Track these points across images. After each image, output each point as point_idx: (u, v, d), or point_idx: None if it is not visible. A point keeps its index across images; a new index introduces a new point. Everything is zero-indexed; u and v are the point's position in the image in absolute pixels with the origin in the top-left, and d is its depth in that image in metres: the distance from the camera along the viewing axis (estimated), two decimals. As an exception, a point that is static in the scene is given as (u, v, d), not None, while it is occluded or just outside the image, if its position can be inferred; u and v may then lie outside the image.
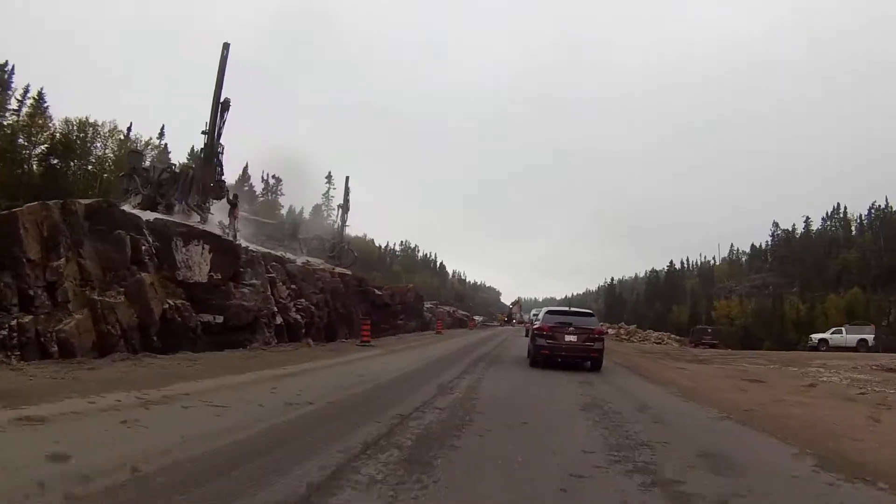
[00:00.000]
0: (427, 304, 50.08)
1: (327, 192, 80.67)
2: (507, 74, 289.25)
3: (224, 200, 20.43)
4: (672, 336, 52.93)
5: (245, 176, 64.95)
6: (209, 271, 15.83)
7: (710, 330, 48.85)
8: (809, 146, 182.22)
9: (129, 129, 51.22)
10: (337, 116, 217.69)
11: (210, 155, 18.71)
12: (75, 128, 39.72)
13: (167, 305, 14.41)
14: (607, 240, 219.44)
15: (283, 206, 73.81)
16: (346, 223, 37.47)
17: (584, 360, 14.06)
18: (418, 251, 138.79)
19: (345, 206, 37.31)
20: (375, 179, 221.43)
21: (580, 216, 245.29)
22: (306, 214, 79.92)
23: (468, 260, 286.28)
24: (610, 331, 54.53)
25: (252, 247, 18.75)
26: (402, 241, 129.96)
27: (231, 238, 17.10)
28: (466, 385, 9.51)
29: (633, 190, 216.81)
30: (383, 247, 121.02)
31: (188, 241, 15.84)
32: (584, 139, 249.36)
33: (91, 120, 40.26)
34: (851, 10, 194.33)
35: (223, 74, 18.76)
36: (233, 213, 18.61)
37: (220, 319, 15.62)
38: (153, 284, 14.26)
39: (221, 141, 18.96)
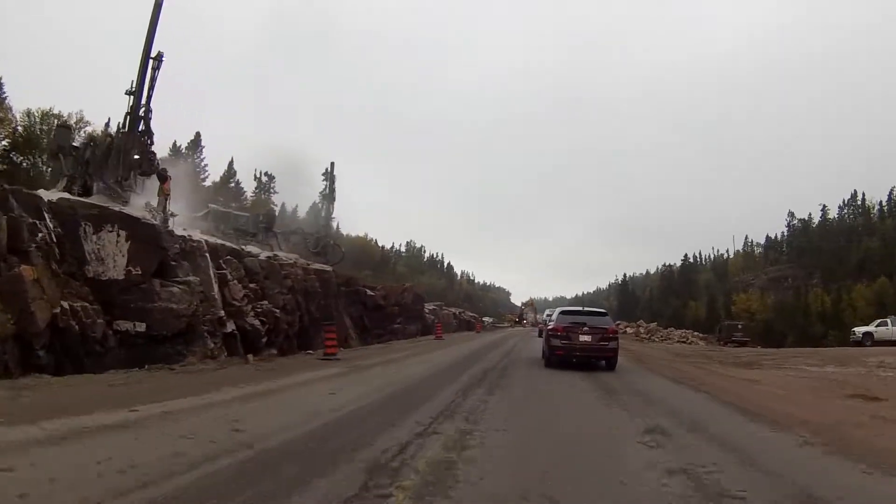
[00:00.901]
0: (430, 306, 46.28)
1: (325, 189, 77.19)
2: (515, 74, 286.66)
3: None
4: (695, 334, 48.80)
5: (230, 172, 61.39)
6: (126, 265, 12.10)
7: (740, 326, 44.46)
8: (822, 135, 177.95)
9: (107, 123, 47.76)
10: (340, 117, 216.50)
11: (134, 120, 15.00)
12: (38, 119, 36.24)
13: (59, 309, 10.70)
14: (617, 238, 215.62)
15: (276, 205, 70.38)
16: (333, 215, 33.55)
17: (599, 359, 14.03)
18: (424, 252, 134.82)
19: (330, 196, 33.33)
20: (381, 180, 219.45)
21: (590, 215, 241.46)
22: (302, 213, 76.47)
23: (477, 261, 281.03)
24: (628, 329, 50.64)
25: (196, 235, 15.07)
26: (407, 242, 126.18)
27: (159, 222, 13.31)
28: (433, 457, 4.96)
29: (642, 186, 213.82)
30: (388, 248, 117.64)
31: (100, 227, 12.14)
32: (593, 138, 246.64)
33: (55, 111, 36.81)
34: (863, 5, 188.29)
35: (157, 22, 15.16)
36: (162, 190, 14.85)
37: (141, 327, 11.93)
38: (39, 281, 10.54)
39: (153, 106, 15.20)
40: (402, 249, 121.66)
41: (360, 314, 31.83)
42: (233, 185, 59.92)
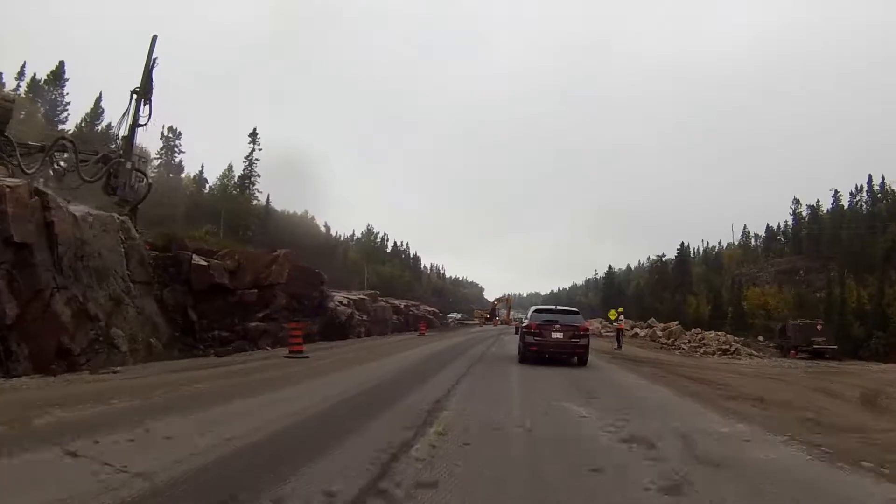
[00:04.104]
0: (353, 295, 31.60)
1: (250, 154, 62.15)
2: (514, 74, 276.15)
3: None
4: (734, 338, 34.63)
5: (97, 110, 45.40)
6: None
7: (819, 327, 30.22)
8: (816, 125, 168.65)
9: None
10: (337, 114, 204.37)
11: None
12: None
13: None
14: (593, 234, 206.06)
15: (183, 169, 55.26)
16: (144, 123, 18.47)
17: (571, 355, 14.30)
18: (387, 240, 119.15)
19: (142, 92, 18.36)
20: (355, 170, 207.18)
21: (569, 212, 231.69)
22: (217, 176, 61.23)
23: (454, 257, 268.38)
24: (638, 331, 36.84)
25: None
26: (367, 227, 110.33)
27: None
28: None
29: (621, 183, 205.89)
30: (345, 236, 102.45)
31: None
32: (582, 136, 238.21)
33: None
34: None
35: None
36: None
37: None
38: None
39: None
40: (359, 236, 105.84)
41: (181, 301, 17.11)
42: (99, 127, 44.22)
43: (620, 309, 25.37)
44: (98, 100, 45.48)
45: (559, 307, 16.81)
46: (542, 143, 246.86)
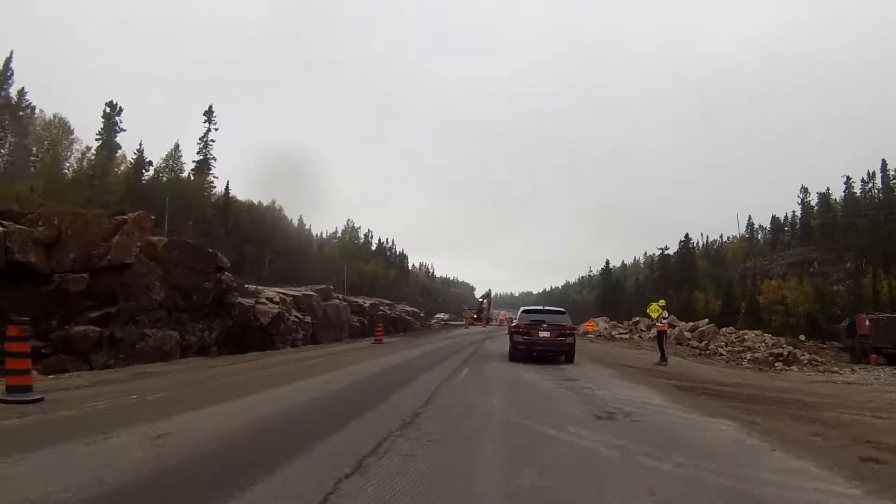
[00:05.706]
0: (296, 291, 24.68)
1: (205, 134, 55.12)
2: (504, 73, 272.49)
3: None
4: (781, 340, 27.78)
5: (6, 72, 37.14)
6: None
7: None
8: (814, 117, 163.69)
9: None
10: (335, 110, 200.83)
11: None
12: None
13: None
14: (589, 231, 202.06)
15: (120, 148, 47.86)
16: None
17: (558, 354, 14.60)
18: (371, 237, 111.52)
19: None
20: (354, 170, 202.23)
21: (562, 209, 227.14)
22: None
23: (448, 255, 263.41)
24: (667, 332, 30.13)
25: None
26: (347, 223, 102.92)
27: None
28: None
29: (619, 179, 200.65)
30: (328, 233, 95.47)
31: None
32: (576, 135, 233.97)
33: None
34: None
35: None
36: None
37: None
38: None
39: None
40: (339, 232, 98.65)
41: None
42: (4, 92, 36.74)
43: (662, 302, 18.06)
44: (7, 61, 37.92)
45: (546, 307, 17.14)
46: (541, 141, 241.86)
